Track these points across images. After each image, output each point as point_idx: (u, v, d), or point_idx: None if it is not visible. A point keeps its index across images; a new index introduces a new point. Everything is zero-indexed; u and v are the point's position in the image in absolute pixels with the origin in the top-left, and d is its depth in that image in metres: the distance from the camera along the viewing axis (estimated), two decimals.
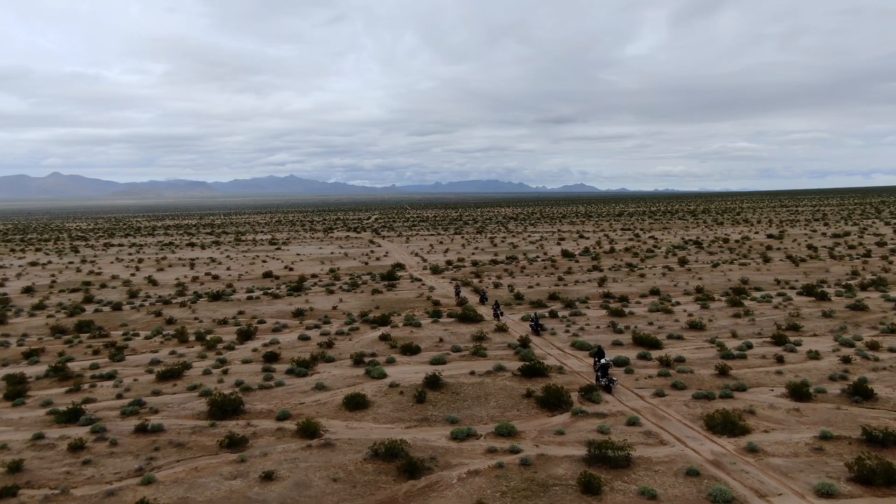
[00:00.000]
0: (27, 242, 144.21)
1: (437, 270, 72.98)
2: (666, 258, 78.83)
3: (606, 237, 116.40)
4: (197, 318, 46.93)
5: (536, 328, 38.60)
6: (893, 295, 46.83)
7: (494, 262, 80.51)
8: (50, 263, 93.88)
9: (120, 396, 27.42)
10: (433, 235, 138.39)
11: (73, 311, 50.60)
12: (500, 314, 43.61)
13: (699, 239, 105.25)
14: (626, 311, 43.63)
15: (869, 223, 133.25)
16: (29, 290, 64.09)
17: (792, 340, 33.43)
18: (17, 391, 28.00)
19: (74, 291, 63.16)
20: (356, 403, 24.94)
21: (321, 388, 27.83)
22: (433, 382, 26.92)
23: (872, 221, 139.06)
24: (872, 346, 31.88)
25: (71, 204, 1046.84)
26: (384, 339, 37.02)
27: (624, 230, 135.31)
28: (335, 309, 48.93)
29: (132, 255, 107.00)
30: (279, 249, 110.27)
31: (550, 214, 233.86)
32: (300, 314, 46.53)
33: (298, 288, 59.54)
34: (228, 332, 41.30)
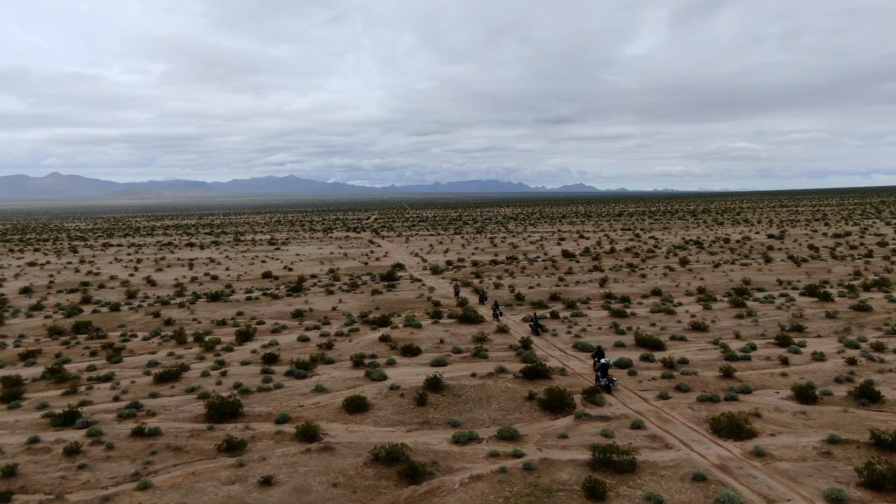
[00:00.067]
0: (26, 242, 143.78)
1: (437, 271, 72.65)
2: (667, 258, 78.53)
3: (607, 237, 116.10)
4: (195, 318, 46.58)
5: (536, 328, 38.33)
6: None
7: (495, 262, 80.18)
8: (48, 264, 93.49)
9: (117, 399, 27.08)
10: (433, 235, 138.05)
11: (70, 311, 50.23)
12: (499, 314, 43.33)
13: (700, 239, 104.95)
14: (627, 311, 43.30)
15: (869, 223, 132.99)
16: (27, 290, 63.73)
17: (796, 342, 33.15)
18: (12, 393, 27.64)
19: (72, 292, 62.79)
20: (356, 406, 24.61)
21: (321, 390, 27.50)
22: (434, 384, 26.59)
23: (873, 221, 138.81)
24: (877, 347, 31.57)
25: (70, 204, 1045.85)
26: (384, 340, 36.67)
27: (624, 230, 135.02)
28: (335, 310, 48.59)
29: (131, 255, 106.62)
30: (278, 250, 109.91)
31: (550, 214, 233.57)
32: (299, 315, 46.19)
33: (298, 288, 59.19)
34: (227, 333, 40.95)
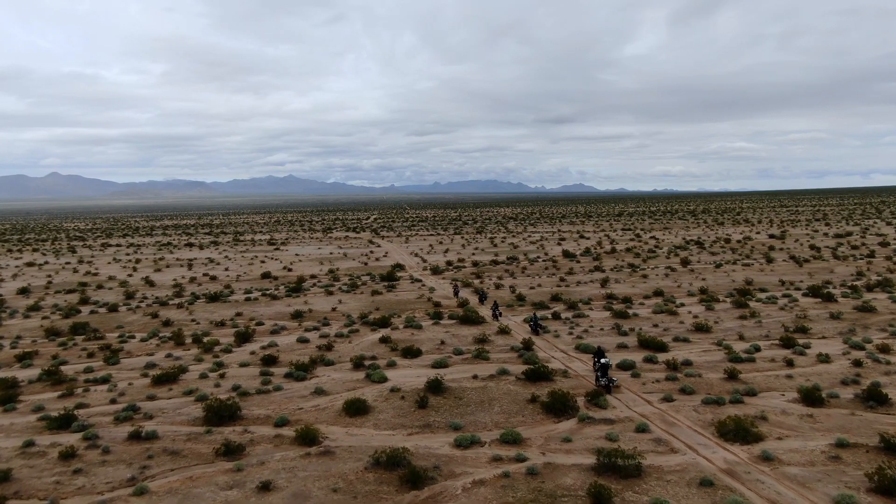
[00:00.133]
0: (24, 243, 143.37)
1: (437, 271, 72.29)
2: (668, 258, 78.21)
3: (607, 237, 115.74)
4: (194, 319, 46.22)
5: (536, 328, 38.04)
6: None
7: (495, 262, 79.84)
8: (46, 264, 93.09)
9: (114, 401, 26.72)
10: (433, 235, 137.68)
11: (68, 312, 49.85)
12: (498, 314, 43.00)
13: (700, 239, 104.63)
14: (629, 312, 42.94)
15: (870, 223, 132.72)
16: (24, 290, 63.34)
17: (800, 343, 32.79)
18: (8, 396, 27.27)
19: (70, 292, 62.42)
20: (356, 409, 24.27)
21: (320, 392, 27.15)
22: (435, 387, 26.25)
23: (874, 221, 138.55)
24: (883, 349, 31.21)
25: (69, 204, 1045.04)
26: (384, 341, 36.32)
27: (624, 230, 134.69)
28: (334, 310, 48.23)
29: (130, 255, 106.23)
30: (278, 250, 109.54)
31: (550, 214, 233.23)
32: (299, 316, 45.82)
33: (297, 289, 58.81)
34: (226, 334, 40.58)
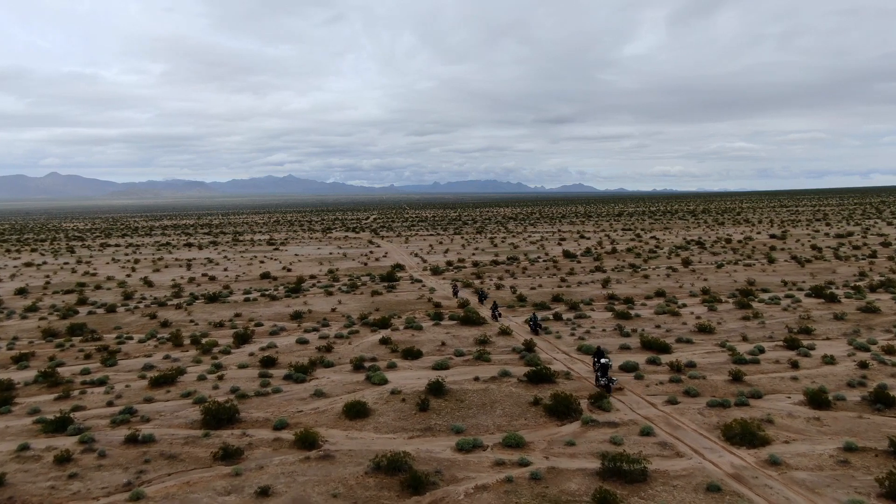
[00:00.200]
0: (23, 243, 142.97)
1: (437, 271, 71.95)
2: (669, 259, 77.90)
3: (607, 237, 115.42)
4: (192, 320, 45.86)
5: (535, 328, 37.74)
6: None
7: (495, 262, 79.51)
8: (45, 264, 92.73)
9: (111, 404, 26.36)
10: (432, 235, 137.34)
11: (65, 313, 49.48)
12: (497, 315, 42.65)
13: (701, 239, 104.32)
14: (631, 313, 42.60)
15: (871, 223, 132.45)
16: (22, 291, 62.98)
17: (805, 344, 32.47)
18: (3, 398, 26.92)
19: (68, 293, 62.06)
20: (356, 411, 23.94)
21: (320, 394, 26.80)
22: (436, 389, 25.90)
23: (875, 221, 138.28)
24: (889, 350, 30.88)
25: (69, 204, 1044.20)
26: (384, 342, 35.98)
27: (625, 230, 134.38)
28: (334, 311, 47.89)
29: (128, 255, 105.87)
30: (277, 250, 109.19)
31: (550, 214, 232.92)
32: (298, 316, 45.47)
33: (296, 289, 58.45)
34: (225, 335, 40.23)
